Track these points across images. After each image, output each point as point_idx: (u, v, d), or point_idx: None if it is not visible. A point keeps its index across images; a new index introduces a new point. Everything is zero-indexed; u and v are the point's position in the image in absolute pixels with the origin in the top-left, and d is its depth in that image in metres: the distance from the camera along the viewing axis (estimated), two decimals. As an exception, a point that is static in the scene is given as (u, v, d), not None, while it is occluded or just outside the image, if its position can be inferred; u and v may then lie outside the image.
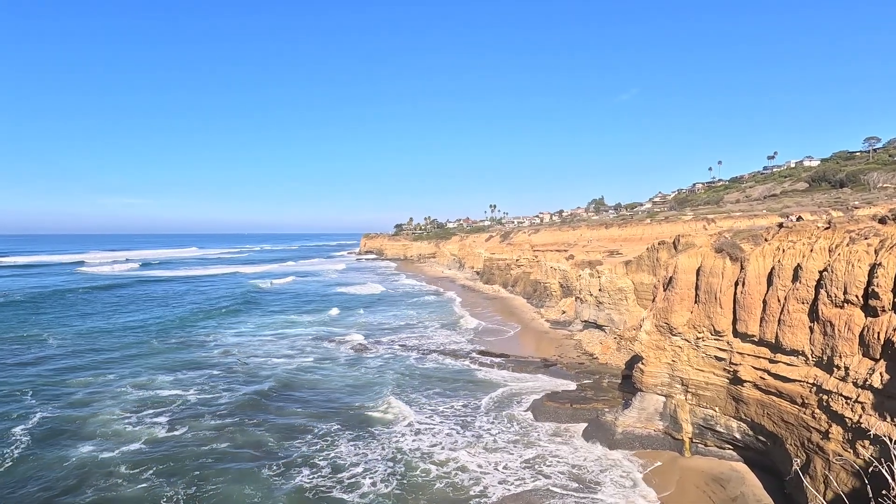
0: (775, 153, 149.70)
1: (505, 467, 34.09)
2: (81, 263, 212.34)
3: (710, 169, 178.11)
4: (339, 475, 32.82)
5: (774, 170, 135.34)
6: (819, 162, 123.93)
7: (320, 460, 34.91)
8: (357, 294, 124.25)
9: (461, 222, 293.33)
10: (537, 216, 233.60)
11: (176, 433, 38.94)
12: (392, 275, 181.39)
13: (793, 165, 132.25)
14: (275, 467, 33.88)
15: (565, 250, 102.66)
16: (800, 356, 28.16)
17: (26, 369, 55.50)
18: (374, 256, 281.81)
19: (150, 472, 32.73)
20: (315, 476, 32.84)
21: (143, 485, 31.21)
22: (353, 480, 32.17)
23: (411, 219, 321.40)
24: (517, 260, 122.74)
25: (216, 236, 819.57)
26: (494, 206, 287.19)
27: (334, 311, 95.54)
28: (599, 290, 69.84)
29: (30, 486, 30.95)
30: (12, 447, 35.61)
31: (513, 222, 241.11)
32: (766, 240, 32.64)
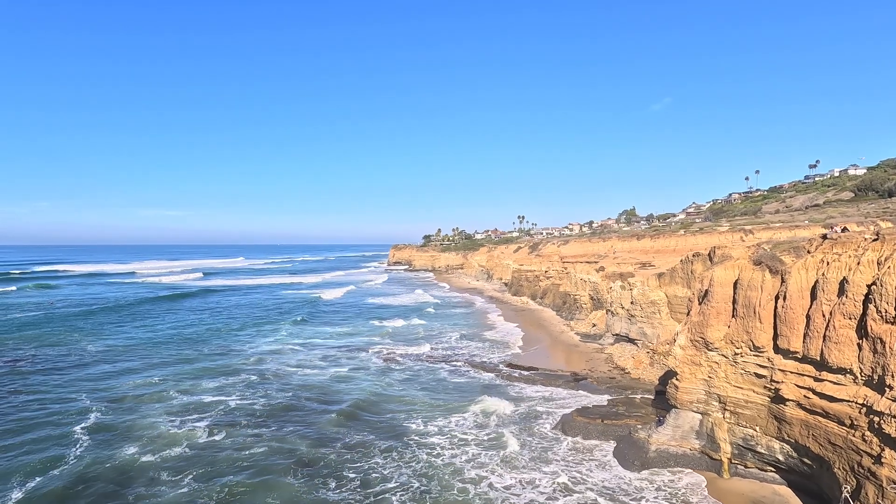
0: (818, 161, 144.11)
1: (534, 486, 33.38)
2: (134, 273, 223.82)
3: (746, 178, 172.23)
4: (368, 490, 32.67)
5: (817, 179, 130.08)
6: (865, 170, 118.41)
7: (351, 472, 34.99)
8: (402, 304, 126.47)
9: (489, 233, 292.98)
10: (567, 227, 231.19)
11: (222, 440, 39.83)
12: (427, 286, 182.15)
13: (837, 174, 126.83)
14: (301, 476, 34.21)
15: (595, 262, 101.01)
16: (847, 375, 26.71)
17: (99, 374, 58.50)
18: (404, 267, 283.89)
19: (190, 476, 33.76)
20: (343, 489, 32.87)
21: (184, 490, 32.19)
22: (382, 497, 31.83)
23: (439, 230, 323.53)
24: (546, 271, 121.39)
25: (253, 247, 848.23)
26: (523, 218, 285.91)
27: (399, 322, 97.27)
28: (631, 302, 68.24)
29: (85, 485, 32.75)
30: (76, 446, 38.22)
31: (541, 233, 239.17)
32: (808, 252, 31.29)
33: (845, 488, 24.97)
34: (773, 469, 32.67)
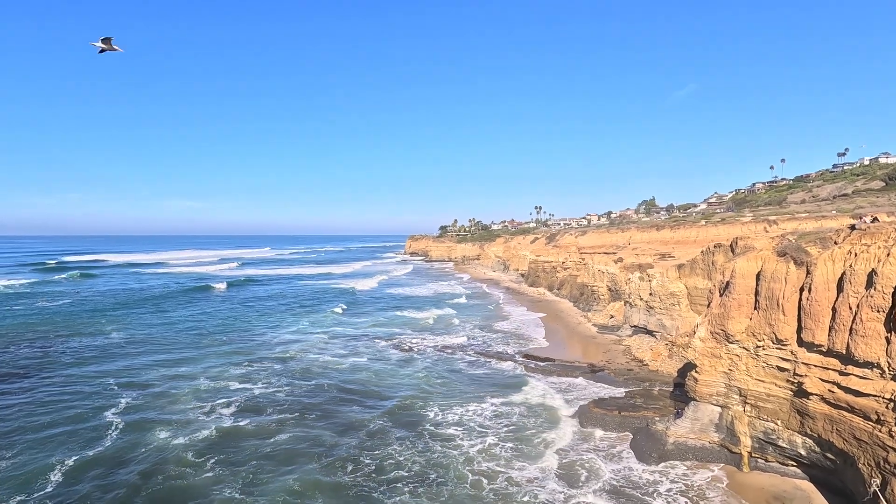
0: (847, 149, 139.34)
1: (549, 478, 33.44)
2: (171, 263, 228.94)
3: (771, 167, 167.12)
4: (381, 477, 33.16)
5: (846, 167, 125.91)
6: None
7: (367, 458, 35.59)
8: (426, 296, 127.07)
9: (506, 224, 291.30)
10: (584, 218, 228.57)
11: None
12: (446, 277, 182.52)
13: (867, 162, 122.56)
14: (324, 460, 35.05)
15: (614, 253, 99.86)
16: (874, 369, 26.03)
17: (144, 362, 60.04)
18: (420, 258, 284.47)
19: (213, 461, 34.77)
20: (358, 475, 33.46)
21: (209, 474, 33.19)
22: (394, 485, 32.19)
23: (456, 220, 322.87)
24: (563, 262, 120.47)
25: (273, 237, 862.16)
26: (540, 208, 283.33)
27: (423, 313, 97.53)
28: (650, 294, 67.39)
29: (120, 465, 34.14)
30: (111, 430, 39.69)
31: (559, 224, 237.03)
32: (835, 243, 30.43)
33: (874, 482, 24.44)
34: (794, 463, 32.14)
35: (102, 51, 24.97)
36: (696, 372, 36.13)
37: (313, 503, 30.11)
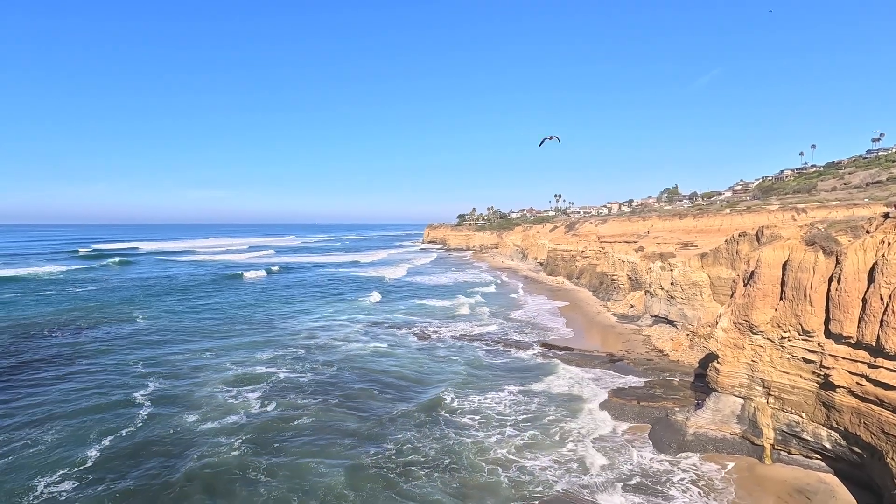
0: (882, 134, 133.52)
1: (564, 465, 33.51)
2: (194, 251, 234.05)
3: (801, 154, 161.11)
4: (399, 459, 33.77)
5: (880, 153, 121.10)
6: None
7: (390, 443, 36.22)
8: (446, 284, 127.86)
9: (524, 212, 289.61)
10: (605, 206, 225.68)
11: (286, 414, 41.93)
12: (465, 265, 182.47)
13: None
14: (347, 444, 35.88)
15: (634, 241, 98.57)
16: (906, 362, 25.28)
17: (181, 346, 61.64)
18: (439, 247, 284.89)
19: (239, 443, 35.82)
20: (379, 457, 34.13)
21: (235, 453, 34.33)
22: (410, 469, 32.65)
23: (474, 209, 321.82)
24: (583, 251, 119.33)
25: (295, 225, 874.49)
26: (559, 196, 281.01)
27: (443, 302, 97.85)
28: (671, 283, 66.38)
29: (153, 446, 35.52)
30: (142, 410, 41.29)
31: (578, 212, 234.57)
32: (867, 232, 29.45)
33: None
34: (818, 457, 31.54)
35: (542, 142, 25.97)
36: (718, 363, 35.60)
37: (336, 483, 30.80)
